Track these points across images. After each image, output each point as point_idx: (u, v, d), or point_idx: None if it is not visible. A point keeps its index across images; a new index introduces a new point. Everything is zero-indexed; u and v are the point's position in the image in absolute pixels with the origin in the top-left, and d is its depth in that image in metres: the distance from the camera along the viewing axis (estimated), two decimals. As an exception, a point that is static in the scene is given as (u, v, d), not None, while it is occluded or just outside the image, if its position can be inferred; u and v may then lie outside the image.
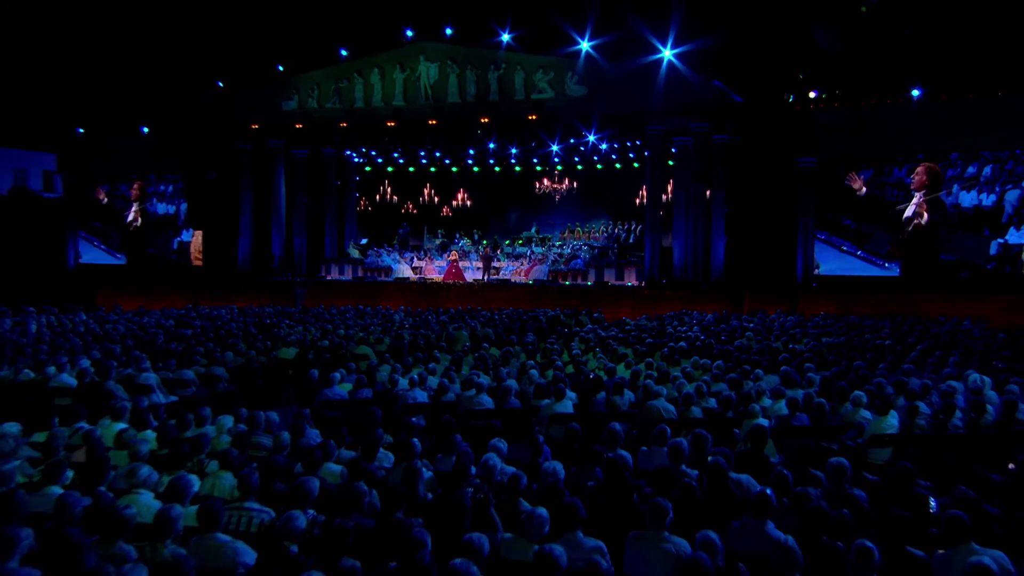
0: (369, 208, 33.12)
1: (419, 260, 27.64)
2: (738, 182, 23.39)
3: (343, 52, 26.42)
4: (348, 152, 30.30)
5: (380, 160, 32.17)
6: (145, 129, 29.36)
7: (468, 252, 27.51)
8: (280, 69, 27.25)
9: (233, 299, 23.36)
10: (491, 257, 26.27)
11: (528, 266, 26.19)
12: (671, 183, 25.56)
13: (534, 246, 28.13)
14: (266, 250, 27.89)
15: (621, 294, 23.19)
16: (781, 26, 22.45)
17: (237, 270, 27.78)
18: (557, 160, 30.48)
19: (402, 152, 30.91)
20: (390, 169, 33.04)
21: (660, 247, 23.76)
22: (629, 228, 29.09)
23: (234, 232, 28.02)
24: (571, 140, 26.99)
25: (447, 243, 28.95)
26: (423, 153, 30.83)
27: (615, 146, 28.03)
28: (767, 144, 22.93)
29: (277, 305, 22.01)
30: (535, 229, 30.18)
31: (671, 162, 25.55)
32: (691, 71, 22.22)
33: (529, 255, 27.00)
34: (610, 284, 24.10)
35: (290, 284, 26.01)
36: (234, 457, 6.25)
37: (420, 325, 16.46)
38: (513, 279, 25.74)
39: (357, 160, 31.47)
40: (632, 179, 29.44)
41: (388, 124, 26.19)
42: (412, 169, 32.99)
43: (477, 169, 32.40)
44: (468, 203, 33.20)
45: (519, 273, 26.02)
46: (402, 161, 32.36)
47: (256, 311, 19.39)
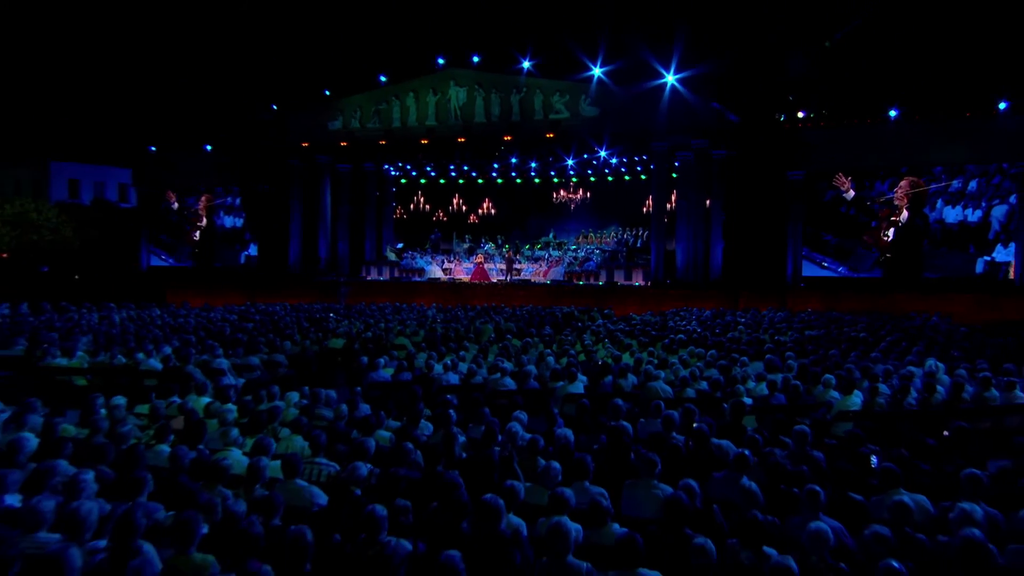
0: (404, 216, 33.58)
1: (449, 262, 27.84)
2: (734, 193, 23.59)
3: (382, 78, 26.89)
4: (386, 166, 30.76)
5: (414, 173, 32.68)
6: (208, 147, 29.95)
7: (492, 255, 27.69)
8: (327, 93, 27.75)
9: (284, 297, 23.59)
10: (513, 260, 26.48)
11: (546, 268, 26.37)
12: (674, 193, 25.76)
13: (551, 250, 28.27)
14: (313, 253, 28.33)
15: (629, 293, 23.31)
16: (771, 54, 22.77)
17: (288, 271, 28.29)
18: (572, 173, 30.88)
19: (434, 166, 31.42)
20: (423, 181, 33.56)
21: (664, 251, 23.95)
22: (637, 234, 29.35)
23: (285, 238, 28.52)
24: (585, 155, 27.39)
25: (474, 247, 29.18)
26: (453, 167, 31.41)
27: (624, 160, 28.37)
28: (760, 159, 23.19)
29: (323, 302, 22.22)
30: (552, 235, 30.38)
31: (674, 175, 25.70)
32: (692, 94, 22.47)
33: (547, 258, 27.14)
34: (619, 284, 24.22)
35: (335, 283, 26.32)
36: (303, 424, 6.77)
37: (451, 319, 16.48)
38: (533, 279, 25.91)
39: (394, 173, 31.91)
40: (639, 190, 29.68)
41: (422, 142, 26.61)
42: (443, 181, 33.46)
43: (501, 181, 32.80)
44: (493, 211, 33.66)
45: (538, 274, 26.21)
46: (434, 174, 32.85)
47: (306, 307, 19.57)
